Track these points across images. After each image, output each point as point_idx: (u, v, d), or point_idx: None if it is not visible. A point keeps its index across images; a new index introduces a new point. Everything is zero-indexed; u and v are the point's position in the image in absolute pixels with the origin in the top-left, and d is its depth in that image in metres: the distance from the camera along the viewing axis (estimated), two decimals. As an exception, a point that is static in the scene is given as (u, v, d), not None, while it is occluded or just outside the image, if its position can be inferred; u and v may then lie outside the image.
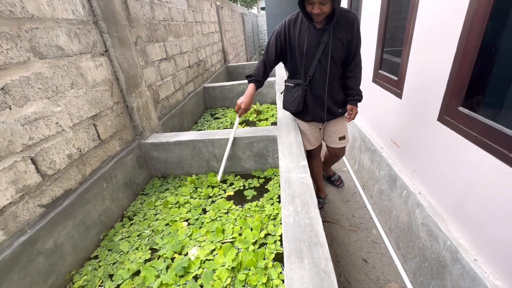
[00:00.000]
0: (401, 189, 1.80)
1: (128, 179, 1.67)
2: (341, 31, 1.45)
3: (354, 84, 1.61)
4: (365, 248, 1.81)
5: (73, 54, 1.31)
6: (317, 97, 1.63)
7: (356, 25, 1.46)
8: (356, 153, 2.73)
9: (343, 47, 1.48)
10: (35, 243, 1.04)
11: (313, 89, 1.61)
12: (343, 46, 1.48)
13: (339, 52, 1.49)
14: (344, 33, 1.45)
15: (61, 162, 1.21)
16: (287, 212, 1.02)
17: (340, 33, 1.45)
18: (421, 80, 1.61)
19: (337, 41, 1.46)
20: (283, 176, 1.25)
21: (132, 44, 1.76)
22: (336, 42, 1.46)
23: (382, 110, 2.21)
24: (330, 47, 1.46)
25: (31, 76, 1.08)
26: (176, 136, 1.87)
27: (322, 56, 1.49)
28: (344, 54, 1.51)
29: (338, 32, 1.45)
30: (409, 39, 1.71)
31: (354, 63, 1.57)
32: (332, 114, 1.71)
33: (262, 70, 1.65)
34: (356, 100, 1.63)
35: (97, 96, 1.46)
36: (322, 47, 1.47)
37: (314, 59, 1.51)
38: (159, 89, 2.27)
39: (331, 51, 1.47)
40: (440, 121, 1.43)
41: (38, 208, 1.08)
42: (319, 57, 1.50)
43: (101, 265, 1.25)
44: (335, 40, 1.46)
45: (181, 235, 1.35)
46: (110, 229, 1.46)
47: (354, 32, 1.46)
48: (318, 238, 0.88)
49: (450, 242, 1.30)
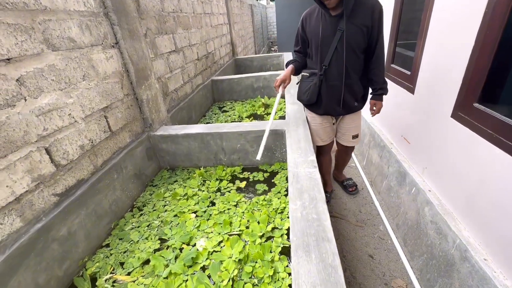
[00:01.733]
0: (410, 186, 1.78)
1: (138, 170, 1.70)
2: (359, 17, 1.36)
3: (377, 77, 1.54)
4: (371, 244, 1.81)
5: (84, 46, 1.32)
6: (332, 88, 1.57)
7: (378, 11, 1.37)
8: (365, 148, 2.70)
9: (362, 34, 1.39)
10: (50, 230, 1.08)
11: (329, 79, 1.55)
12: (363, 33, 1.39)
13: (358, 40, 1.41)
14: (363, 20, 1.37)
15: (74, 152, 1.24)
16: (294, 207, 1.02)
17: (358, 19, 1.36)
18: (435, 75, 1.57)
19: (354, 28, 1.38)
20: (291, 171, 1.25)
21: (142, 36, 1.77)
22: (354, 29, 1.38)
23: (393, 105, 2.17)
24: (345, 34, 1.39)
25: (44, 68, 1.10)
26: (185, 129, 1.88)
27: (339, 44, 1.42)
28: (364, 43, 1.43)
29: (356, 19, 1.37)
30: (424, 32, 1.66)
31: (375, 54, 1.48)
32: (347, 108, 1.64)
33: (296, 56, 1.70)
34: (380, 94, 1.57)
35: (108, 88, 1.47)
36: (339, 35, 1.40)
37: (330, 48, 1.45)
38: (168, 81, 2.28)
39: (347, 39, 1.39)
40: (454, 117, 1.39)
41: (52, 197, 1.12)
42: (335, 45, 1.43)
43: (113, 253, 1.29)
44: (352, 27, 1.38)
45: (189, 226, 1.38)
46: (121, 219, 1.50)
47: (375, 19, 1.37)
48: (325, 233, 0.88)
49: (459, 241, 1.28)
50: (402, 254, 1.68)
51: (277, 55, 5.11)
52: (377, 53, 1.48)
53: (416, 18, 1.96)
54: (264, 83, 3.51)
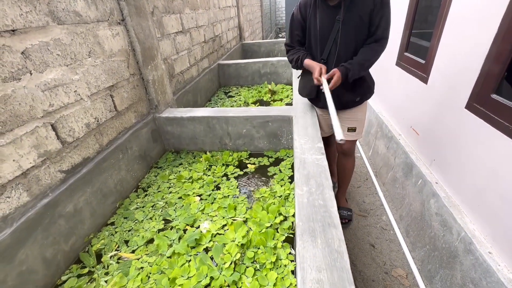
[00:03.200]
0: (417, 178, 1.76)
1: (143, 151, 1.70)
2: (361, 5, 1.23)
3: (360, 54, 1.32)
4: (373, 234, 1.81)
5: (90, 21, 1.28)
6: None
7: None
8: (371, 139, 2.66)
9: (363, 23, 1.27)
10: (57, 206, 1.08)
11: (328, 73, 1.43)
12: (363, 22, 1.26)
13: (358, 30, 1.29)
14: (363, 7, 1.23)
15: (80, 130, 1.23)
16: (301, 192, 1.01)
17: (358, 7, 1.23)
18: (452, 64, 1.51)
19: (354, 17, 1.25)
20: (297, 157, 1.24)
21: (149, 14, 1.72)
22: (353, 19, 1.25)
23: (403, 95, 2.11)
24: (345, 25, 1.28)
25: (50, 42, 1.07)
26: (191, 112, 1.86)
27: (338, 35, 1.31)
28: (365, 31, 1.30)
29: (356, 6, 1.23)
30: (443, 19, 1.58)
31: (374, 37, 1.31)
32: (346, 103, 1.53)
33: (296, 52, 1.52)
34: (346, 68, 1.31)
35: (113, 66, 1.44)
36: (337, 27, 1.28)
37: (328, 40, 1.34)
38: (174, 63, 2.23)
39: (346, 30, 1.28)
40: (469, 108, 1.35)
41: (58, 173, 1.12)
42: (333, 38, 1.32)
43: (117, 231, 1.30)
44: (351, 16, 1.25)
45: (193, 209, 1.38)
46: (126, 199, 1.51)
47: (377, 2, 1.22)
48: (332, 219, 0.87)
49: (464, 233, 1.27)
50: (404, 244, 1.68)
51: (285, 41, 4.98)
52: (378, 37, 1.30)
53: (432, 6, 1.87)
54: (271, 69, 3.44)
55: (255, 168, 1.71)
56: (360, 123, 1.62)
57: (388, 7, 1.25)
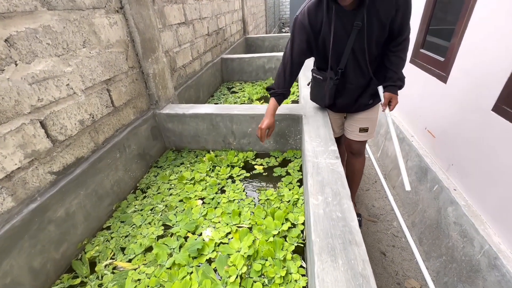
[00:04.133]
0: (432, 183, 1.66)
1: (142, 150, 1.60)
2: (382, 8, 1.08)
3: (396, 67, 1.26)
4: (384, 241, 1.72)
5: (85, 8, 1.17)
6: (349, 91, 1.36)
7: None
8: (380, 139, 2.55)
9: (383, 28, 1.14)
10: (46, 211, 0.99)
11: (346, 82, 1.33)
12: (384, 27, 1.13)
13: (379, 36, 1.16)
14: (386, 10, 1.09)
15: (73, 127, 1.12)
16: (316, 202, 0.91)
17: (380, 11, 1.09)
18: (477, 62, 1.39)
19: (375, 22, 1.11)
20: (310, 161, 1.13)
21: (150, 3, 1.60)
22: (374, 24, 1.12)
23: (418, 95, 2.00)
24: (365, 32, 1.13)
25: (38, 29, 0.96)
26: (193, 108, 1.75)
27: (356, 43, 1.17)
28: (385, 35, 1.18)
29: (378, 11, 1.09)
30: (467, 14, 1.46)
31: (398, 39, 1.21)
32: (361, 106, 1.43)
33: (284, 77, 1.31)
34: (397, 86, 1.29)
35: (111, 58, 1.33)
36: (355, 33, 1.14)
37: (346, 49, 1.20)
38: (176, 56, 2.12)
39: (368, 36, 1.14)
40: (496, 111, 1.24)
41: (48, 175, 1.02)
42: (351, 46, 1.18)
43: (113, 237, 1.21)
44: (372, 21, 1.11)
45: (195, 213, 1.28)
46: (123, 201, 1.41)
47: (400, 3, 1.08)
48: (353, 235, 0.77)
49: (488, 247, 1.17)
50: (417, 253, 1.59)
51: (290, 36, 4.84)
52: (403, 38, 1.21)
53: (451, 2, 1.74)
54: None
55: (263, 169, 1.61)
56: (373, 123, 1.53)
57: (411, 5, 1.13)
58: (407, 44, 1.25)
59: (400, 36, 1.20)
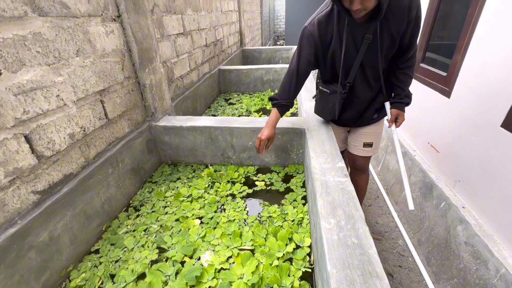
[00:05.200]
0: (439, 200, 1.60)
1: (136, 164, 1.50)
2: (393, 22, 1.06)
3: (403, 84, 1.25)
4: (390, 261, 1.64)
5: (80, 16, 1.10)
6: (356, 104, 1.33)
7: (415, 7, 1.05)
8: (381, 153, 2.52)
9: (393, 42, 1.12)
10: (27, 236, 0.88)
11: (353, 96, 1.30)
12: (395, 41, 1.11)
13: (389, 50, 1.14)
14: (397, 24, 1.07)
15: (62, 142, 1.03)
16: (328, 226, 0.83)
17: (392, 25, 1.07)
18: (483, 77, 1.38)
19: (386, 36, 1.09)
20: (317, 179, 1.06)
21: (149, 12, 1.55)
22: (386, 38, 1.10)
23: (420, 109, 1.98)
24: (378, 45, 1.10)
25: (28, 36, 0.88)
26: (191, 121, 1.68)
27: (366, 56, 1.15)
28: (395, 49, 1.16)
29: (390, 25, 1.07)
30: (471, 27, 1.46)
31: (406, 56, 1.19)
32: (366, 120, 1.40)
33: (289, 88, 1.28)
34: (404, 103, 1.28)
35: (106, 68, 1.26)
36: (366, 46, 1.11)
37: (355, 62, 1.17)
38: (174, 66, 2.06)
39: (377, 51, 1.12)
40: (506, 127, 1.21)
41: (31, 195, 0.92)
42: (361, 58, 1.15)
43: (102, 262, 1.10)
44: (383, 35, 1.09)
45: (192, 234, 1.19)
46: (114, 220, 1.31)
47: (412, 18, 1.06)
48: (373, 266, 0.69)
49: (505, 270, 1.11)
50: (426, 274, 1.51)
51: (286, 48, 4.88)
52: (411, 55, 1.20)
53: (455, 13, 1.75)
54: (274, 76, 3.30)
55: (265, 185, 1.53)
56: (377, 138, 1.48)
57: (421, 20, 1.11)
58: (414, 61, 1.23)
59: (408, 52, 1.18)
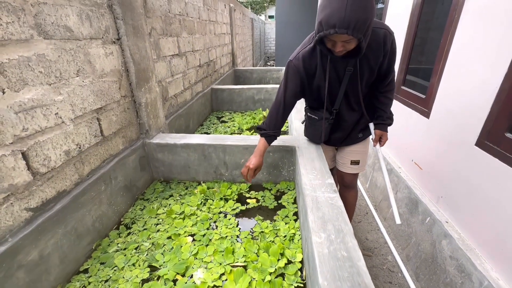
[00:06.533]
0: (424, 215, 1.67)
1: (129, 181, 1.51)
2: (371, 55, 1.18)
3: (385, 107, 1.37)
4: (381, 277, 1.66)
5: (82, 38, 1.16)
6: (343, 128, 1.44)
7: (389, 41, 1.18)
8: (369, 170, 2.60)
9: (372, 72, 1.24)
10: (16, 255, 0.87)
11: (341, 120, 1.40)
12: (373, 71, 1.24)
13: (369, 78, 1.27)
14: (375, 57, 1.19)
15: (57, 159, 1.05)
16: (319, 240, 0.87)
17: (370, 58, 1.19)
18: (457, 100, 1.50)
19: (366, 67, 1.22)
20: (308, 195, 1.11)
21: (146, 35, 1.63)
22: (365, 69, 1.22)
23: (403, 128, 2.10)
24: (358, 76, 1.22)
25: (32, 57, 0.93)
26: (185, 138, 1.71)
27: (348, 86, 1.27)
28: (374, 77, 1.28)
29: (368, 57, 1.19)
30: (444, 55, 1.60)
31: (385, 81, 1.32)
32: (352, 140, 1.49)
33: (276, 118, 1.34)
34: (387, 124, 1.39)
35: (104, 87, 1.30)
36: (348, 77, 1.23)
37: (339, 92, 1.29)
38: (168, 86, 2.12)
39: (360, 80, 1.24)
40: (480, 146, 1.31)
41: (24, 212, 0.92)
42: (344, 89, 1.27)
43: (91, 282, 1.08)
44: (364, 67, 1.22)
45: (185, 252, 1.19)
46: (104, 238, 1.29)
47: (387, 50, 1.19)
48: (362, 278, 0.73)
49: (488, 283, 1.16)
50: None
51: (277, 69, 5.08)
52: (389, 80, 1.32)
53: (429, 39, 1.93)
54: (265, 96, 3.41)
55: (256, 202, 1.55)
56: (364, 156, 1.56)
57: (396, 51, 1.25)
58: (394, 85, 1.35)
59: (387, 78, 1.30)
